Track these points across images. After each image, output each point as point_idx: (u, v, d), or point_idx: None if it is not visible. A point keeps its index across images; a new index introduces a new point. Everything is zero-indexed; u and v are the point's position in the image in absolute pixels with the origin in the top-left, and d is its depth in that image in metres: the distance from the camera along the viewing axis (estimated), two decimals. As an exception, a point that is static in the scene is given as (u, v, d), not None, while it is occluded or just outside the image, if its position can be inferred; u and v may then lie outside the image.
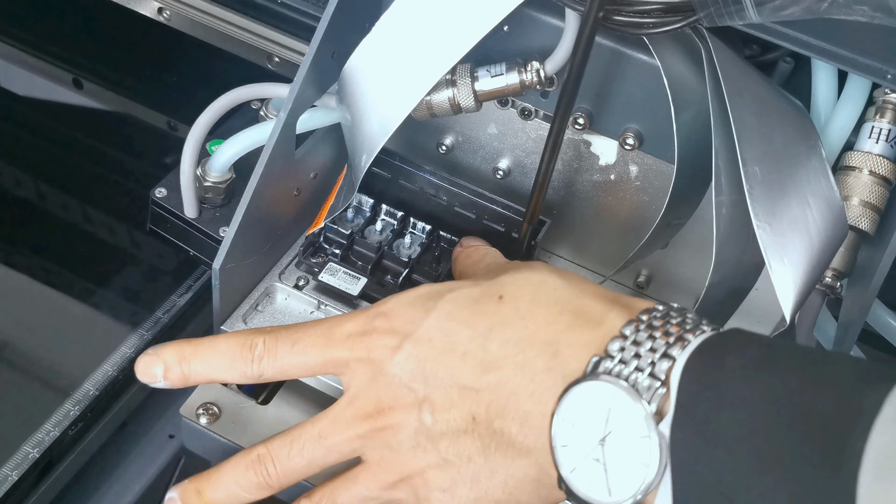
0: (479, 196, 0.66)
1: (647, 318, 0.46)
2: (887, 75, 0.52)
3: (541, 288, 0.50)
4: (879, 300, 0.60)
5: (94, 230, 0.79)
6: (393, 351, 0.50)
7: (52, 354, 0.70)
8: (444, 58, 0.56)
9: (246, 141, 0.65)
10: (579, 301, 0.49)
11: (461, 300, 0.51)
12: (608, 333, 0.46)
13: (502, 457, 0.48)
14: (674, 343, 0.44)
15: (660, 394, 0.43)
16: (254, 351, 0.52)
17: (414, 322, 0.51)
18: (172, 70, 0.92)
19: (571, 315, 0.48)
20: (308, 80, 0.59)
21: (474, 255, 0.61)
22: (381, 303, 0.53)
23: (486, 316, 0.50)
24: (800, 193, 0.54)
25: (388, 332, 0.51)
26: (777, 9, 0.48)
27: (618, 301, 0.49)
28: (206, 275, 0.73)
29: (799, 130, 0.56)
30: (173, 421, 0.70)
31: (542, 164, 0.58)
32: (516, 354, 0.48)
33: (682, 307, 0.47)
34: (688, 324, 0.45)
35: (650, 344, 0.45)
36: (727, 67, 0.53)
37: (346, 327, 0.52)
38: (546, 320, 0.48)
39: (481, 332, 0.49)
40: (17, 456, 0.62)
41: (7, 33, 0.92)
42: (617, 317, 0.47)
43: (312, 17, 0.73)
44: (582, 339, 0.47)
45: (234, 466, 0.53)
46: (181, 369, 0.53)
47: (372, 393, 0.51)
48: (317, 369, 0.53)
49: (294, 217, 0.66)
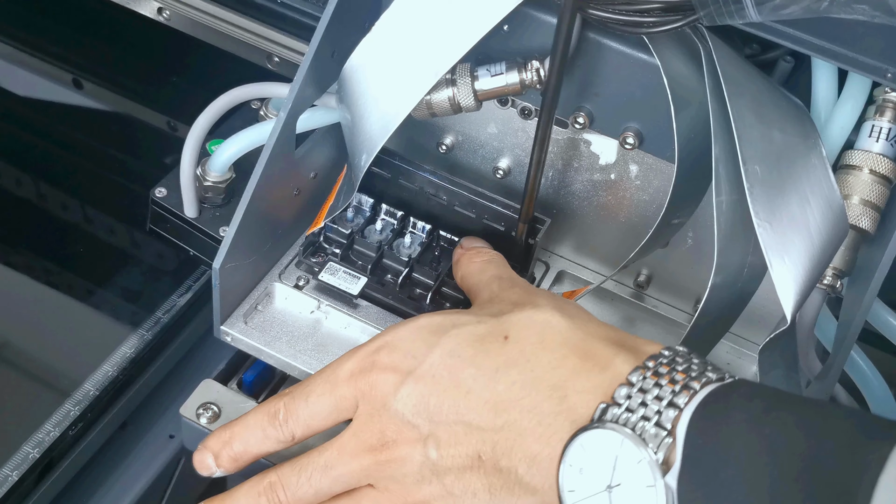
0: (479, 195, 0.66)
1: (653, 365, 0.46)
2: (887, 74, 0.52)
3: (546, 330, 0.50)
4: (880, 299, 0.60)
5: (94, 230, 0.79)
6: (396, 387, 0.50)
7: (52, 354, 0.70)
8: (444, 57, 0.56)
9: (246, 141, 0.65)
10: (585, 344, 0.49)
11: (465, 337, 0.51)
12: (615, 379, 0.47)
13: (507, 494, 0.48)
14: (679, 391, 0.45)
15: (666, 443, 0.44)
16: (278, 416, 0.53)
17: (416, 357, 0.51)
18: (172, 70, 0.92)
19: (578, 358, 0.48)
20: (308, 80, 0.59)
21: (476, 261, 0.61)
22: (382, 335, 0.53)
23: (492, 356, 0.50)
24: (800, 192, 0.54)
25: (389, 368, 0.51)
26: (777, 7, 0.48)
27: (623, 344, 0.49)
28: (206, 275, 0.73)
29: (799, 129, 0.56)
30: (173, 421, 0.70)
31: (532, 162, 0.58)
32: (523, 397, 0.48)
33: (687, 351, 0.48)
34: (693, 371, 0.46)
35: (656, 392, 0.45)
36: (727, 66, 0.53)
37: (347, 366, 0.52)
38: (552, 364, 0.49)
39: (487, 372, 0.49)
40: (17, 456, 0.62)
41: (7, 33, 0.92)
42: (623, 362, 0.48)
43: (312, 16, 0.73)
44: (589, 384, 0.47)
45: (247, 492, 0.53)
46: (227, 454, 0.54)
47: (376, 427, 0.51)
48: (333, 415, 0.53)
49: (294, 217, 0.65)
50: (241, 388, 0.66)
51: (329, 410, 0.52)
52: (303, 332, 0.63)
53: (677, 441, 0.43)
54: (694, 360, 0.47)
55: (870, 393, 0.62)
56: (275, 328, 0.63)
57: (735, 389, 0.45)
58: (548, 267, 0.71)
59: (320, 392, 0.52)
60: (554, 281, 0.70)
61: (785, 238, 0.53)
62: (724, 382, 0.45)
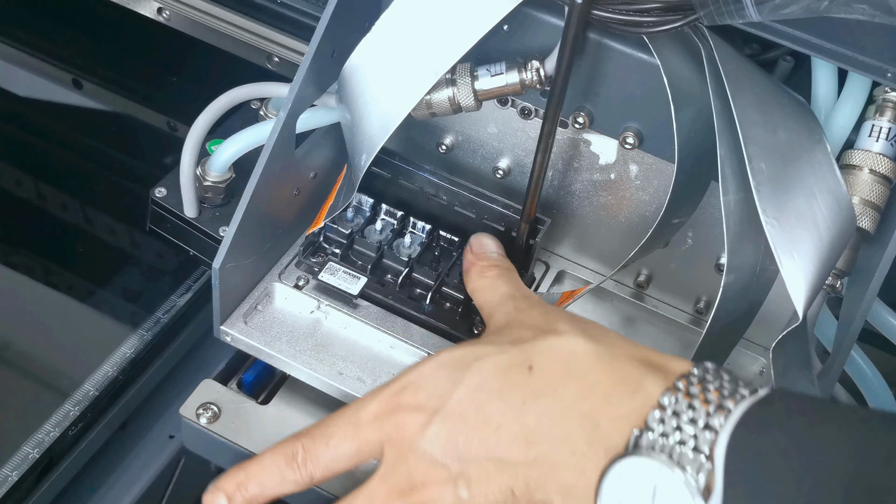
0: (479, 195, 0.66)
1: (683, 385, 0.45)
2: (887, 73, 0.52)
3: (571, 358, 0.49)
4: (880, 299, 0.60)
5: (94, 230, 0.79)
6: (423, 427, 0.49)
7: (52, 354, 0.70)
8: (444, 57, 0.56)
9: (246, 140, 0.65)
10: (612, 368, 0.48)
11: (489, 370, 0.50)
12: (646, 403, 0.46)
13: None
14: (714, 412, 0.43)
15: (706, 468, 0.42)
16: (297, 458, 0.52)
17: (442, 396, 0.49)
18: (172, 70, 0.92)
19: (606, 385, 0.47)
20: (308, 80, 0.59)
21: (488, 276, 0.60)
22: (404, 374, 0.52)
23: (518, 388, 0.48)
24: (806, 188, 0.54)
25: (415, 409, 0.50)
26: (777, 7, 0.48)
27: (651, 363, 0.48)
28: (206, 275, 0.73)
29: (803, 125, 0.56)
30: (173, 421, 0.70)
31: (536, 162, 0.58)
32: (554, 428, 0.47)
33: (716, 367, 0.46)
34: (725, 388, 0.45)
35: (690, 413, 0.44)
36: (729, 65, 0.53)
37: (371, 408, 0.51)
38: (581, 394, 0.47)
39: (515, 406, 0.48)
40: (17, 456, 0.62)
41: (7, 33, 0.92)
42: (653, 383, 0.46)
43: (312, 16, 0.73)
44: (620, 410, 0.46)
45: None
46: (242, 496, 0.52)
47: (403, 470, 0.49)
48: (356, 458, 0.51)
49: (294, 217, 0.65)
50: (240, 388, 0.66)
51: (352, 454, 0.51)
52: (303, 332, 0.63)
53: (716, 465, 0.42)
54: (724, 375, 0.45)
55: (870, 393, 0.62)
56: (275, 328, 0.63)
57: (771, 405, 0.43)
58: (548, 267, 0.71)
59: (342, 435, 0.51)
60: (554, 281, 0.70)
61: (793, 234, 0.52)
62: (758, 397, 0.44)
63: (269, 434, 0.62)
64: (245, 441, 0.62)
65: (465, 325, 0.63)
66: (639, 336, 0.69)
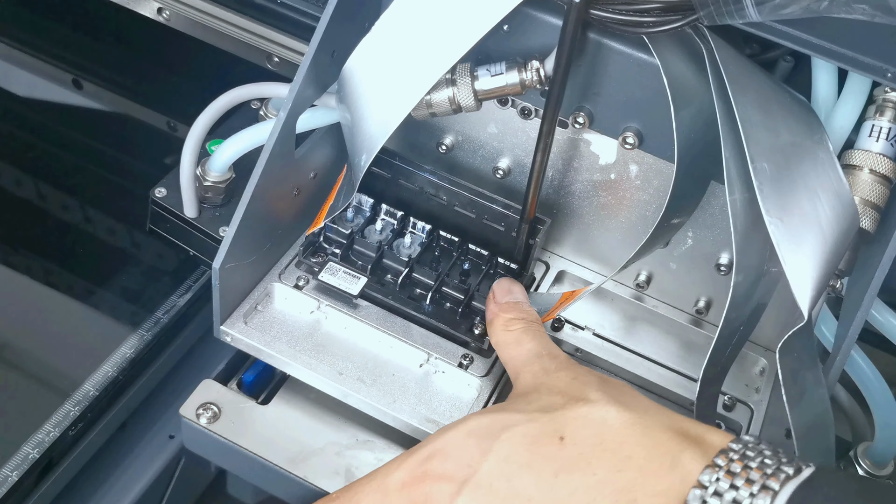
0: (479, 195, 0.66)
1: (724, 463, 0.44)
2: (887, 73, 0.52)
3: (604, 429, 0.48)
4: (880, 299, 0.60)
5: (94, 230, 0.80)
6: (451, 497, 0.47)
7: (52, 354, 0.70)
8: (444, 57, 0.56)
9: (246, 141, 0.65)
10: (647, 440, 0.47)
11: (519, 440, 0.48)
12: (686, 479, 0.44)
13: None
14: (758, 493, 0.42)
15: None
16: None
17: (471, 465, 0.48)
18: (172, 70, 0.92)
19: (641, 458, 0.46)
20: (308, 80, 0.59)
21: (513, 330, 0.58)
22: (431, 440, 0.50)
23: (549, 460, 0.47)
24: (809, 187, 0.54)
25: (443, 478, 0.48)
26: (777, 7, 0.48)
27: (687, 434, 0.47)
28: (206, 275, 0.73)
29: (804, 124, 0.56)
30: (173, 421, 0.70)
31: (535, 162, 0.58)
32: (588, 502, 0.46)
33: (755, 440, 0.45)
34: (768, 466, 0.44)
35: (734, 494, 0.43)
36: (730, 65, 0.53)
37: (398, 476, 0.50)
38: (615, 466, 0.46)
39: (546, 478, 0.47)
40: (17, 456, 0.62)
41: (7, 33, 0.92)
42: (691, 459, 0.45)
43: (312, 17, 0.73)
44: (658, 486, 0.45)
45: None
46: None
47: None
48: None
49: (294, 217, 0.65)
50: (240, 388, 0.66)
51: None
52: (302, 333, 0.63)
53: None
54: (765, 450, 0.44)
55: (870, 393, 0.62)
56: (275, 328, 0.63)
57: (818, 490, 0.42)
58: (548, 267, 0.71)
59: (370, 502, 0.50)
60: (554, 281, 0.70)
61: (797, 233, 0.52)
62: (802, 478, 0.43)
63: (269, 434, 0.62)
64: (245, 441, 0.62)
65: (465, 324, 0.63)
66: (639, 336, 0.69)
